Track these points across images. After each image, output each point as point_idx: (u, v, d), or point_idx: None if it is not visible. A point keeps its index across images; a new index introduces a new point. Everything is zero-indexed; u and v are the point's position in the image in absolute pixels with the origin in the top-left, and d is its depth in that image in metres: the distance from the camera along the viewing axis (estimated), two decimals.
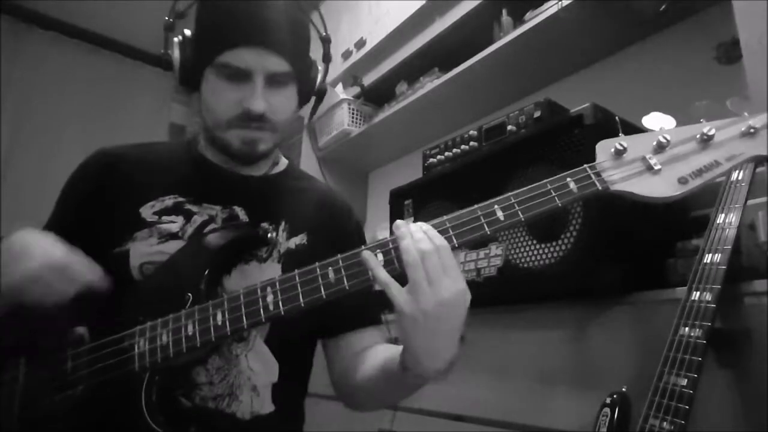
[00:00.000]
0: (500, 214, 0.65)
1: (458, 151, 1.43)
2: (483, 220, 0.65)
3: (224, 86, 0.83)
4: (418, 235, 0.63)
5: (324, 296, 0.67)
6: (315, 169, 2.53)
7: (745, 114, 0.66)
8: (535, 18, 1.61)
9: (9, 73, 2.59)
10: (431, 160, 1.52)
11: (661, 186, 0.63)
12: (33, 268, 0.70)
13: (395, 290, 0.62)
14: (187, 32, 0.89)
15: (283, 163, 1.02)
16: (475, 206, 0.66)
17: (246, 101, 0.83)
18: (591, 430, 0.89)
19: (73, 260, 0.73)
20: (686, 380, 0.77)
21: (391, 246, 0.66)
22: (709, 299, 0.81)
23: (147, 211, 0.86)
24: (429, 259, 0.61)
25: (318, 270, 0.68)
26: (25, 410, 0.75)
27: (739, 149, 0.64)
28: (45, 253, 0.72)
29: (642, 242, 1.07)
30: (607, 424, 0.86)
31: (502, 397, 1.19)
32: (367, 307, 0.93)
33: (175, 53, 0.88)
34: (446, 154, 1.47)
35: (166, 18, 0.93)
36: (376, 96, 2.35)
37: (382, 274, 0.64)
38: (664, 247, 1.06)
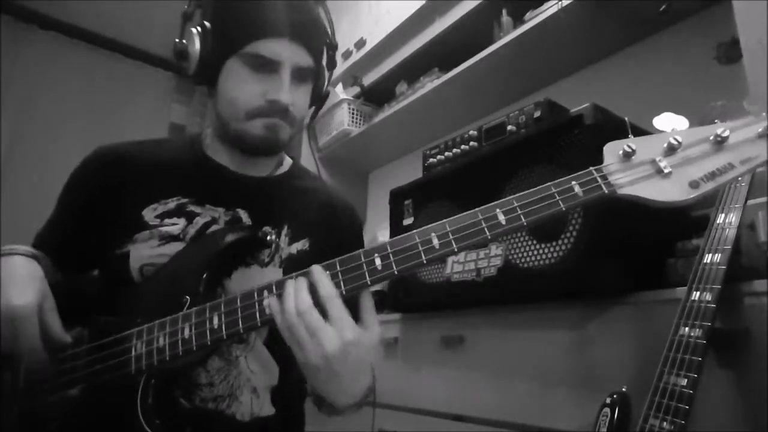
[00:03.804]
0: (502, 218, 0.63)
1: (458, 151, 1.43)
2: (484, 225, 0.63)
3: (249, 76, 0.83)
4: (300, 295, 0.65)
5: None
6: (315, 170, 2.53)
7: (763, 115, 0.63)
8: (535, 18, 1.61)
9: (9, 73, 2.59)
10: (431, 160, 1.52)
11: (671, 190, 0.61)
12: None
13: (290, 345, 0.65)
14: (207, 24, 0.86)
15: (287, 163, 1.01)
16: (477, 210, 0.65)
17: (272, 93, 0.82)
18: (591, 430, 0.89)
19: (29, 315, 0.70)
20: (686, 380, 0.77)
21: (389, 250, 0.65)
22: (709, 299, 0.81)
23: (149, 214, 0.85)
24: (306, 317, 0.63)
25: None
26: (24, 409, 0.75)
27: (755, 152, 0.61)
28: (4, 297, 0.70)
29: (642, 242, 1.07)
30: (607, 424, 0.86)
31: (501, 397, 1.19)
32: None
33: (195, 43, 0.85)
34: (446, 154, 1.47)
35: (186, 7, 0.90)
36: (376, 96, 2.35)
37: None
38: (664, 247, 1.06)
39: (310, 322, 0.63)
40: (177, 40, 0.88)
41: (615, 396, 0.88)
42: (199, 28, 0.86)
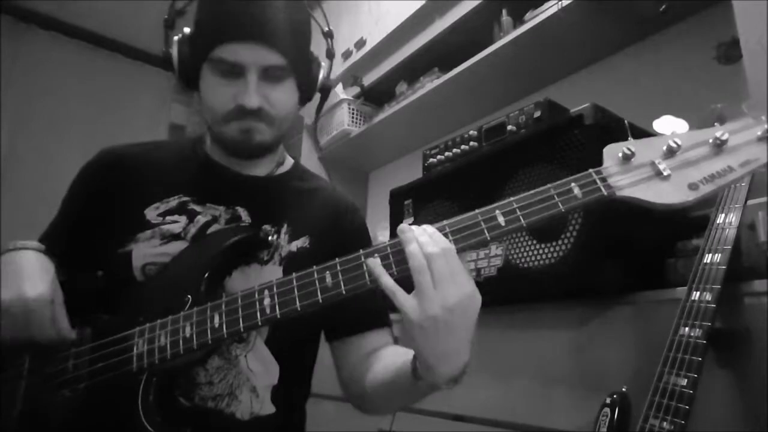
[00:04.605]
0: (501, 220, 0.63)
1: (458, 151, 1.43)
2: (483, 225, 0.64)
3: (219, 82, 0.84)
4: (424, 239, 0.62)
5: (320, 300, 0.66)
6: (315, 170, 2.53)
7: (762, 118, 0.64)
8: (535, 18, 1.61)
9: (9, 73, 2.59)
10: (431, 160, 1.52)
11: (669, 192, 0.61)
12: (5, 300, 0.69)
13: (401, 297, 0.62)
14: (187, 30, 0.89)
15: (289, 163, 1.01)
16: (476, 211, 0.65)
17: (239, 97, 0.82)
18: (591, 430, 0.89)
19: (42, 306, 0.71)
20: (686, 380, 0.77)
21: (389, 251, 0.65)
22: (709, 299, 0.81)
23: (151, 213, 0.86)
24: (435, 263, 0.60)
25: (315, 274, 0.67)
26: (26, 407, 0.75)
27: (755, 154, 0.61)
28: (18, 289, 0.70)
29: (642, 242, 1.07)
30: (607, 424, 0.86)
31: (501, 397, 1.19)
32: (374, 310, 0.92)
33: (174, 51, 0.88)
34: (446, 154, 1.47)
35: (166, 17, 0.93)
36: (376, 96, 2.35)
37: (388, 282, 0.63)
38: (664, 247, 1.06)
39: (436, 271, 0.60)
40: (163, 49, 0.91)
41: (615, 396, 0.89)
42: (179, 36, 0.89)
